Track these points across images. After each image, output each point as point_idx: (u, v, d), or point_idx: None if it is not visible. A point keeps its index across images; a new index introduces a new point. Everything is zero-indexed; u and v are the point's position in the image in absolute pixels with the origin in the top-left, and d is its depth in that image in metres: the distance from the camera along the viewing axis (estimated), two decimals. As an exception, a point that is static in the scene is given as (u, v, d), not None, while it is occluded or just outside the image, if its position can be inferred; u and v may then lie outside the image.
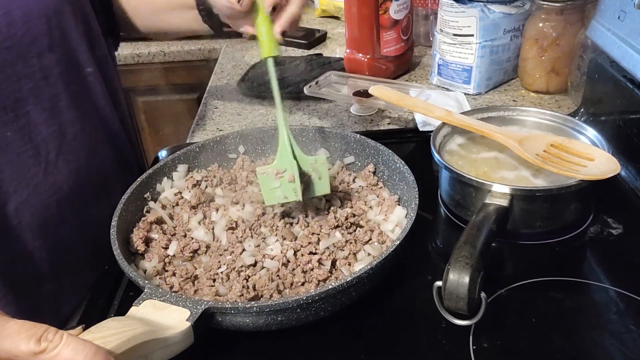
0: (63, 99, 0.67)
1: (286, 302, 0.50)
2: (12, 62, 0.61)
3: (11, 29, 0.60)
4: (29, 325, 0.39)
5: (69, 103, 0.68)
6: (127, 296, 0.62)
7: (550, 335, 0.54)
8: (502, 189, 0.62)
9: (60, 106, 0.67)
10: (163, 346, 0.47)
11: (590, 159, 0.65)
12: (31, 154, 0.65)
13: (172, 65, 1.55)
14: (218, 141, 0.77)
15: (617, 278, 0.60)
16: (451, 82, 1.06)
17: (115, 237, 0.59)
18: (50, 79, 0.65)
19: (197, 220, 0.67)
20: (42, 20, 0.63)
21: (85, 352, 0.39)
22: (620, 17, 0.76)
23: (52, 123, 0.66)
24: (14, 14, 0.60)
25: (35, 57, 0.63)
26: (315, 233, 0.62)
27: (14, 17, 0.61)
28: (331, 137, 0.77)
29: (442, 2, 1.01)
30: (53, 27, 0.65)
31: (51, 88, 0.66)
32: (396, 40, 1.08)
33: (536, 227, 0.66)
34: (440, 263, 0.63)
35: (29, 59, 0.63)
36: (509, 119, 0.78)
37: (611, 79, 0.80)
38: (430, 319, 0.55)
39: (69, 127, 0.68)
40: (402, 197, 0.67)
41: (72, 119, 0.68)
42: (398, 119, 0.98)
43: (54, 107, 0.66)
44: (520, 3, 1.00)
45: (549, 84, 1.01)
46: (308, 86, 1.03)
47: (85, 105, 0.71)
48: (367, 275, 0.52)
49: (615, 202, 0.72)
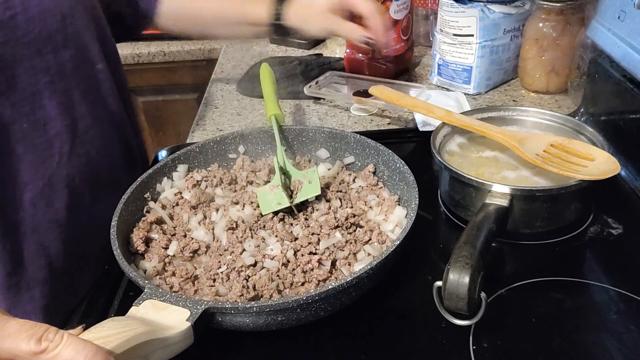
0: (75, 93, 0.69)
1: (286, 302, 0.50)
2: (29, 56, 0.63)
3: (29, 25, 0.63)
4: (30, 325, 0.40)
5: (80, 98, 0.70)
6: (127, 296, 0.62)
7: (550, 335, 0.54)
8: (502, 189, 0.62)
9: (73, 100, 0.69)
10: (163, 346, 0.47)
11: (590, 159, 0.65)
12: (46, 146, 0.67)
13: (172, 65, 1.55)
14: (218, 141, 0.77)
15: (617, 278, 0.60)
16: (451, 82, 1.06)
17: (115, 237, 0.59)
18: (64, 74, 0.68)
19: (197, 220, 0.67)
20: (58, 18, 0.66)
21: (86, 353, 0.39)
22: (620, 17, 0.76)
23: (66, 117, 0.68)
24: (32, 10, 0.63)
25: (51, 53, 0.66)
26: (315, 233, 0.62)
27: (32, 14, 0.63)
28: (331, 137, 0.77)
29: (442, 2, 1.01)
30: (67, 25, 0.67)
31: (65, 83, 0.68)
32: (396, 40, 1.08)
33: (536, 227, 0.66)
34: (440, 263, 0.63)
35: (45, 54, 0.65)
36: (509, 119, 0.78)
37: (611, 79, 0.80)
38: (430, 319, 0.55)
39: (80, 121, 0.70)
40: (402, 197, 0.67)
41: (83, 113, 0.71)
42: (398, 119, 0.98)
43: (67, 101, 0.68)
44: (520, 3, 1.00)
45: (549, 84, 1.01)
46: (308, 86, 1.03)
47: (95, 101, 0.73)
48: (367, 275, 0.52)
49: (615, 202, 0.72)
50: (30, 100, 0.64)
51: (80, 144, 0.70)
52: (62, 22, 0.66)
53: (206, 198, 0.70)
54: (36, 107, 0.65)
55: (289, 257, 0.59)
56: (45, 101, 0.66)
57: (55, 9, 0.65)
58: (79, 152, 0.70)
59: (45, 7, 0.64)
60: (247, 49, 1.39)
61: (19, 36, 0.62)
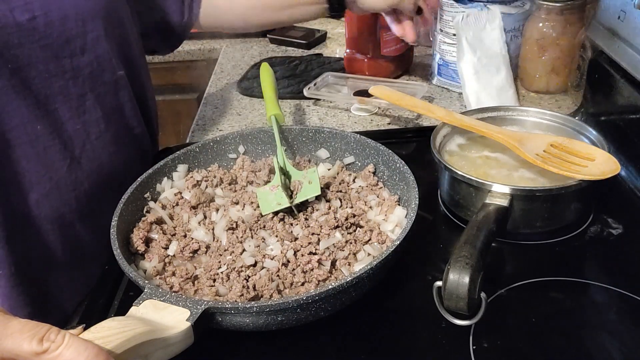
0: (89, 98, 0.70)
1: (286, 302, 0.50)
2: (45, 60, 0.64)
3: (48, 29, 0.63)
4: (32, 325, 0.40)
5: (94, 103, 0.70)
6: (127, 296, 0.62)
7: (550, 335, 0.54)
8: (502, 189, 0.62)
9: (87, 105, 0.69)
10: (163, 346, 0.47)
11: (590, 159, 0.65)
12: (57, 149, 0.67)
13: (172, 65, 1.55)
14: (218, 141, 0.77)
15: (617, 278, 0.60)
16: (451, 82, 1.06)
17: (115, 237, 0.59)
18: (79, 79, 0.68)
19: (197, 220, 0.67)
20: (79, 24, 0.66)
21: (87, 354, 0.39)
22: (620, 17, 0.76)
23: (78, 121, 0.69)
24: (52, 15, 0.63)
25: (67, 58, 0.66)
26: (315, 233, 0.62)
27: (52, 19, 0.63)
28: (331, 137, 0.77)
29: (442, 2, 1.01)
30: (88, 31, 0.67)
31: (79, 88, 0.68)
32: (396, 40, 1.08)
33: (536, 227, 0.66)
34: (440, 263, 0.63)
35: (62, 59, 0.65)
36: (509, 119, 0.78)
37: (611, 79, 0.80)
38: (430, 319, 0.55)
39: (93, 126, 0.71)
40: (402, 197, 0.67)
41: (96, 118, 0.71)
42: (398, 119, 0.98)
43: (80, 106, 0.69)
44: (520, 3, 1.00)
45: (549, 84, 1.01)
46: (307, 88, 1.03)
47: (110, 107, 0.73)
48: (367, 275, 0.52)
49: (615, 202, 0.72)
50: (43, 102, 0.65)
51: (91, 149, 0.71)
52: (83, 27, 0.66)
53: (206, 198, 0.70)
54: (49, 110, 0.65)
55: (289, 257, 0.59)
56: (58, 105, 0.66)
57: (76, 15, 0.65)
58: (90, 156, 0.71)
59: (66, 12, 0.64)
60: (247, 49, 1.39)
61: (36, 39, 0.62)
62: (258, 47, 1.39)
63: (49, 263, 0.71)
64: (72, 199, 0.70)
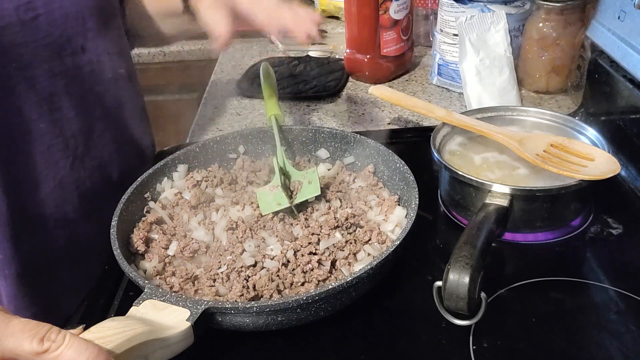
0: (92, 96, 0.70)
1: (286, 302, 0.50)
2: (48, 58, 0.64)
3: (50, 27, 0.63)
4: (33, 325, 0.40)
5: (97, 101, 0.71)
6: (127, 296, 0.62)
7: (550, 335, 0.54)
8: (502, 189, 0.62)
9: (89, 103, 0.70)
10: (163, 346, 0.47)
11: (590, 159, 0.65)
12: (61, 147, 0.67)
13: (172, 65, 1.55)
14: (218, 141, 0.77)
15: (617, 278, 0.60)
16: (451, 82, 1.06)
17: (115, 237, 0.59)
18: (81, 77, 0.68)
19: (197, 220, 0.67)
20: (79, 22, 0.66)
21: (88, 354, 0.39)
22: (620, 17, 0.76)
23: (81, 119, 0.69)
24: (54, 13, 0.63)
25: (69, 56, 0.66)
26: (315, 233, 0.62)
27: (55, 17, 0.63)
28: (331, 137, 0.77)
29: (442, 2, 1.01)
30: (88, 29, 0.68)
31: (81, 86, 0.68)
32: (396, 40, 1.08)
33: (536, 227, 0.66)
34: (440, 263, 0.63)
35: (64, 57, 0.66)
36: (509, 119, 0.78)
37: (611, 79, 0.80)
38: (430, 319, 0.55)
39: (95, 124, 0.71)
40: (402, 197, 0.67)
41: (98, 116, 0.71)
42: (398, 119, 0.98)
43: (83, 104, 0.69)
44: (520, 3, 1.00)
45: (549, 84, 1.01)
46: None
47: (111, 105, 0.74)
48: (367, 275, 0.52)
49: (615, 202, 0.72)
50: (48, 101, 0.65)
51: (94, 147, 0.71)
52: (83, 25, 0.67)
53: (206, 198, 0.70)
54: (54, 109, 0.66)
55: (289, 257, 0.59)
56: (62, 103, 0.66)
57: (77, 13, 0.66)
58: (92, 155, 0.71)
59: (67, 10, 0.64)
60: (247, 49, 1.38)
61: (39, 37, 0.62)
62: (258, 47, 1.39)
63: (54, 262, 0.71)
64: (75, 197, 0.70)
